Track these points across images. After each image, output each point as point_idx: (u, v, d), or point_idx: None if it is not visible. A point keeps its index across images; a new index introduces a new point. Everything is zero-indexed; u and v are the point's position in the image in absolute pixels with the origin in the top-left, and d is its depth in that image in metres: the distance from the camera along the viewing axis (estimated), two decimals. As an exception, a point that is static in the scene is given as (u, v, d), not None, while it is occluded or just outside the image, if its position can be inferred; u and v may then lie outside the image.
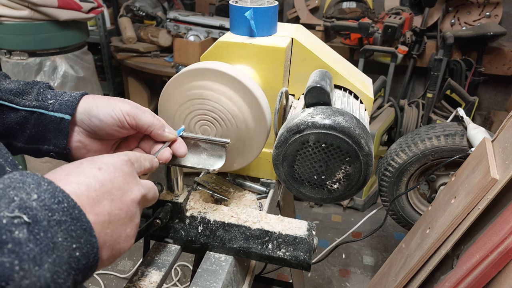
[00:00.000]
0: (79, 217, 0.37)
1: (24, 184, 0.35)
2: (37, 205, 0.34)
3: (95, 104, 0.58)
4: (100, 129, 0.58)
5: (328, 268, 2.06)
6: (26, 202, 0.33)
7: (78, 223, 0.36)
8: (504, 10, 2.69)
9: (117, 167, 0.45)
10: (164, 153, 0.60)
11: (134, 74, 2.82)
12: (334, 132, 0.62)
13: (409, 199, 1.59)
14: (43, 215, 0.34)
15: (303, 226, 0.69)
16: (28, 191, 0.34)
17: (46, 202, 0.35)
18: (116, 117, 0.57)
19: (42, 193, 0.35)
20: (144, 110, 0.60)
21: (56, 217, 0.35)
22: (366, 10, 2.78)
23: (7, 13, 1.80)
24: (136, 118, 0.58)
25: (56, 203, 0.35)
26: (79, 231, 0.36)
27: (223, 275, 0.67)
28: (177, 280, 1.97)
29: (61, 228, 0.35)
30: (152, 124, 0.59)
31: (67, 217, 0.36)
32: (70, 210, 0.36)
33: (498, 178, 0.91)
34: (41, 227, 0.33)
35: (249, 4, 0.77)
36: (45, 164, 2.10)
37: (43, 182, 0.36)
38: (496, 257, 0.86)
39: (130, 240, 0.45)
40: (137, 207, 0.46)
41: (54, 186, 0.36)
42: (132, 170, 0.47)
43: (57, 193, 0.36)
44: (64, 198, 0.36)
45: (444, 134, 1.43)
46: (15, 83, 0.59)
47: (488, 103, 2.98)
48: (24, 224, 0.32)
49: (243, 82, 0.64)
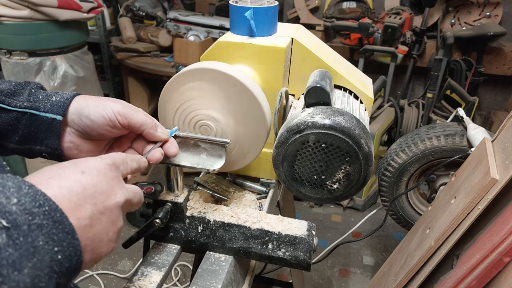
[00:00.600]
0: (61, 220, 0.36)
1: (4, 188, 0.34)
2: (17, 209, 0.33)
3: (86, 104, 0.58)
4: (91, 129, 0.58)
5: (328, 268, 2.06)
6: (5, 207, 0.33)
7: (60, 226, 0.36)
8: (504, 10, 2.69)
9: (101, 171, 0.44)
10: (155, 153, 0.60)
11: (134, 74, 2.82)
12: (334, 132, 0.62)
13: (409, 199, 1.59)
14: (23, 219, 0.33)
15: (303, 226, 0.69)
16: (7, 195, 0.34)
17: (27, 206, 0.34)
18: (107, 116, 0.57)
19: (22, 197, 0.34)
20: (137, 109, 0.59)
21: (37, 221, 0.34)
22: (366, 10, 2.78)
23: (7, 13, 1.80)
24: (128, 118, 0.58)
25: (37, 207, 0.35)
26: (61, 234, 0.36)
27: (223, 275, 0.67)
28: (177, 280, 1.97)
29: (42, 232, 0.34)
30: (145, 123, 0.59)
31: (48, 221, 0.35)
32: (52, 214, 0.36)
33: (498, 178, 0.91)
34: (20, 231, 0.32)
35: (249, 4, 0.76)
36: (45, 164, 2.10)
37: (23, 186, 0.35)
38: (496, 257, 0.86)
39: (112, 244, 0.44)
40: (120, 211, 0.45)
41: (35, 189, 0.36)
42: (116, 174, 0.47)
43: (38, 197, 0.36)
44: (45, 202, 0.36)
45: (444, 134, 1.43)
46: (7, 83, 0.59)
47: (488, 103, 2.98)
48: (3, 229, 0.31)
49: (243, 82, 0.64)
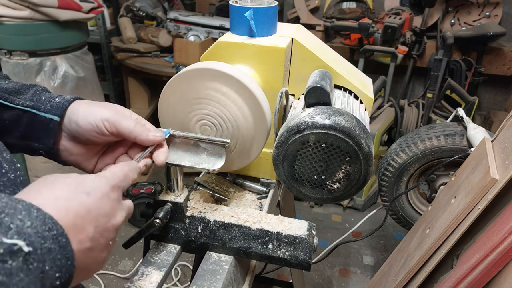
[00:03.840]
0: (65, 246, 0.36)
1: (16, 210, 0.33)
2: (32, 232, 0.33)
3: (77, 110, 0.58)
4: (79, 134, 0.58)
5: (328, 268, 2.06)
6: (22, 229, 0.32)
7: (64, 251, 0.36)
8: (504, 10, 2.69)
9: (104, 193, 0.44)
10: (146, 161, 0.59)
11: (134, 74, 2.82)
12: (334, 132, 0.62)
13: (409, 199, 1.59)
14: (37, 243, 0.33)
15: (303, 226, 0.69)
16: (21, 218, 0.33)
17: (39, 229, 0.34)
18: (94, 123, 0.56)
19: (33, 220, 0.34)
20: (126, 116, 0.58)
21: (47, 245, 0.34)
22: (366, 10, 2.78)
23: (7, 13, 1.80)
24: (116, 125, 0.57)
25: (47, 230, 0.34)
26: (63, 260, 0.36)
27: (223, 275, 0.67)
28: (177, 280, 1.97)
29: (49, 257, 0.34)
30: (133, 131, 0.57)
31: (56, 245, 0.35)
32: (59, 238, 0.35)
33: (498, 178, 0.91)
34: (36, 255, 0.32)
35: (249, 4, 0.77)
36: (45, 164, 2.10)
37: (32, 209, 0.35)
38: (496, 257, 0.86)
39: (103, 264, 0.44)
40: (115, 232, 0.46)
41: (43, 213, 0.35)
42: (118, 195, 0.47)
43: (46, 220, 0.35)
44: (53, 225, 0.35)
45: (444, 134, 1.43)
46: (13, 83, 0.60)
47: (488, 103, 2.98)
48: (21, 252, 0.31)
49: (243, 82, 0.64)
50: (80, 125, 0.57)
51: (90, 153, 0.62)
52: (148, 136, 0.58)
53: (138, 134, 0.58)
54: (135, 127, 0.57)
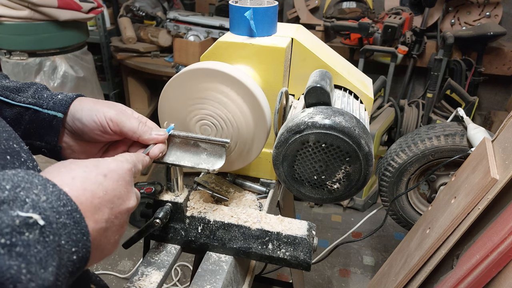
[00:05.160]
0: (79, 221, 0.37)
1: (32, 184, 0.35)
2: (47, 206, 0.34)
3: (81, 107, 0.58)
4: (83, 132, 0.59)
5: (328, 268, 2.06)
6: (38, 203, 0.33)
7: (79, 227, 0.37)
8: (504, 10, 2.69)
9: (121, 175, 0.45)
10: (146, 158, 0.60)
11: (134, 74, 2.82)
12: (334, 132, 0.62)
13: (409, 199, 1.59)
14: (53, 217, 0.34)
15: (303, 226, 0.69)
16: (36, 192, 0.34)
17: (54, 204, 0.35)
18: (98, 122, 0.57)
19: (49, 195, 0.35)
20: (130, 116, 0.59)
21: (62, 220, 0.35)
22: (366, 10, 2.78)
23: (7, 13, 1.80)
24: (120, 125, 0.58)
25: (62, 206, 0.35)
26: (79, 235, 0.37)
27: (223, 275, 0.67)
28: (177, 280, 1.97)
29: (65, 231, 0.35)
30: (136, 131, 0.58)
31: (71, 220, 0.36)
32: (73, 214, 0.36)
33: (498, 178, 0.91)
34: (51, 229, 0.33)
35: (249, 4, 0.76)
36: (45, 164, 2.10)
37: (48, 184, 0.36)
38: (496, 257, 0.85)
39: (116, 245, 0.45)
40: (128, 215, 0.47)
41: (58, 188, 0.37)
42: (132, 179, 0.48)
43: (61, 196, 0.36)
44: (68, 202, 0.36)
45: (444, 134, 1.43)
46: (14, 82, 0.60)
47: (488, 103, 2.98)
48: (37, 225, 0.32)
49: (243, 82, 0.64)
50: (84, 123, 0.58)
51: (92, 150, 0.62)
52: (151, 135, 0.60)
53: (142, 133, 0.59)
54: (138, 127, 0.59)
